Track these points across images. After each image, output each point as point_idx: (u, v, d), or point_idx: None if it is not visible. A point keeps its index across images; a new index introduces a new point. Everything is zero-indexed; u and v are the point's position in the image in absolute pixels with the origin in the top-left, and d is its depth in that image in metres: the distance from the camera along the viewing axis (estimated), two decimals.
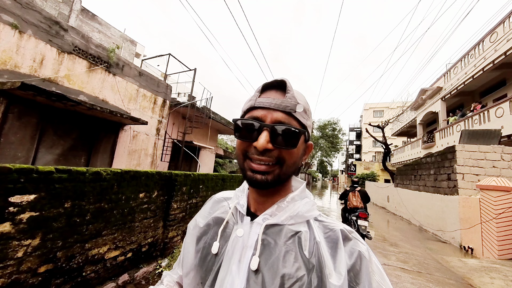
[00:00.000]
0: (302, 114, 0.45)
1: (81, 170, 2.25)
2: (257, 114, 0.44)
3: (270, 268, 0.40)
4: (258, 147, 0.41)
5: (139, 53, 17.50)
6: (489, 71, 8.48)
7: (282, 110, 0.43)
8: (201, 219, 0.56)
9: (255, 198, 0.49)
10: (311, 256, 0.40)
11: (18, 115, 3.23)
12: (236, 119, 0.46)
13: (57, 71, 3.72)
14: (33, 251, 1.87)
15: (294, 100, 0.43)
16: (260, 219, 0.46)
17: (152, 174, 3.08)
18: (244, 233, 0.46)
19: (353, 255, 0.40)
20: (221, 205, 0.56)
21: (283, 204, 0.46)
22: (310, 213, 0.46)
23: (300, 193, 0.49)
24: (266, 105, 0.43)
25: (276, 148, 0.42)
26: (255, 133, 0.42)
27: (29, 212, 1.84)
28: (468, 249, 4.88)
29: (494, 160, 5.52)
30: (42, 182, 1.93)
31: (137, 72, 5.33)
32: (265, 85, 0.46)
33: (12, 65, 3.19)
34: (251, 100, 0.46)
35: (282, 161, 0.42)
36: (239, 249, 0.44)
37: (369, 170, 20.92)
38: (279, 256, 0.41)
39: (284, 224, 0.44)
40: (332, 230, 0.44)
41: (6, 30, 3.12)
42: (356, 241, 0.42)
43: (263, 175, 0.41)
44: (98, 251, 2.42)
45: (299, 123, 0.45)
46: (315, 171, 46.05)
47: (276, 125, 0.41)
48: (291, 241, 0.43)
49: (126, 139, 5.14)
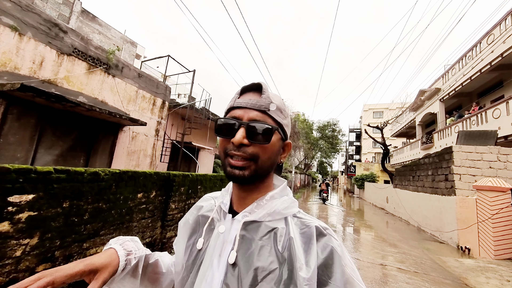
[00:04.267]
0: (277, 113, 0.48)
1: (79, 170, 2.28)
2: (235, 114, 0.47)
3: (246, 262, 0.43)
4: (235, 142, 0.44)
5: (139, 55, 17.58)
6: (486, 73, 8.53)
7: (257, 109, 0.46)
8: (190, 217, 0.59)
9: (237, 196, 0.52)
10: (283, 250, 0.43)
11: (17, 116, 3.26)
12: (217, 119, 0.49)
13: (57, 72, 3.76)
14: (31, 250, 1.89)
15: (269, 100, 0.47)
16: (240, 216, 0.48)
17: (150, 174, 3.10)
18: (225, 230, 0.48)
19: (326, 249, 0.43)
20: (208, 203, 0.59)
21: (262, 202, 0.48)
22: (288, 210, 0.49)
23: (280, 191, 0.51)
24: (243, 105, 0.47)
25: (251, 144, 0.45)
26: (233, 131, 0.45)
27: (28, 211, 1.86)
28: (465, 249, 4.90)
29: (490, 161, 5.56)
30: (41, 182, 1.96)
31: (136, 73, 5.37)
32: (243, 88, 0.50)
33: (12, 67, 3.23)
34: (231, 101, 0.50)
35: (257, 156, 0.45)
36: (220, 244, 0.47)
37: (368, 171, 20.94)
38: (254, 251, 0.44)
39: (262, 221, 0.47)
40: (308, 227, 0.46)
41: (6, 32, 3.16)
42: (329, 237, 0.44)
43: (240, 170, 0.44)
44: (96, 250, 2.44)
45: (274, 121, 0.48)
46: (315, 172, 46.02)
47: (251, 123, 0.45)
48: (267, 236, 0.45)
49: (125, 140, 5.17)
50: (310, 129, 24.38)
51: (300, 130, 19.84)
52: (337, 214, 9.89)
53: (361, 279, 0.43)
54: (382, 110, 31.66)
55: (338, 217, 8.97)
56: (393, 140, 23.66)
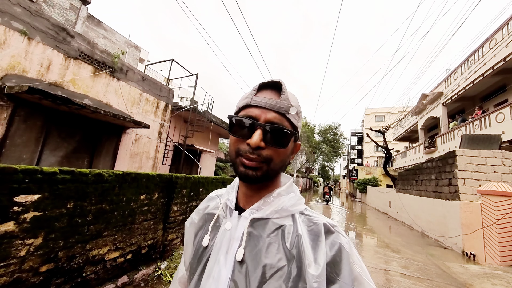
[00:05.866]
0: (294, 116, 0.47)
1: (84, 171, 2.31)
2: (252, 113, 0.45)
3: (254, 259, 0.42)
4: (252, 144, 0.42)
5: (143, 59, 17.85)
6: (489, 77, 8.51)
7: (276, 111, 0.44)
8: (196, 216, 0.59)
9: (244, 193, 0.51)
10: (292, 247, 0.42)
11: (24, 118, 3.32)
12: (232, 116, 0.47)
13: (63, 75, 3.83)
14: (35, 251, 1.91)
15: (288, 102, 0.45)
16: (247, 213, 0.48)
17: (153, 176, 3.12)
18: (232, 227, 0.48)
19: (334, 247, 0.42)
20: (214, 201, 0.59)
21: (269, 199, 0.48)
22: (296, 207, 0.48)
23: (287, 188, 0.51)
24: (261, 104, 0.45)
25: (267, 147, 0.44)
26: (249, 131, 0.44)
27: (33, 211, 1.89)
28: (470, 255, 4.82)
29: (495, 165, 5.50)
30: (46, 182, 1.98)
31: (140, 77, 5.45)
32: (261, 84, 0.47)
33: (20, 70, 3.30)
34: (247, 98, 0.48)
35: (271, 159, 0.44)
36: (227, 241, 0.47)
37: (371, 175, 20.78)
38: (262, 248, 0.43)
39: (269, 218, 0.46)
40: (315, 224, 0.46)
41: (15, 36, 3.24)
42: (338, 234, 0.44)
43: (254, 170, 0.43)
44: (98, 252, 2.45)
45: (291, 124, 0.47)
46: (317, 175, 45.73)
47: (269, 125, 0.43)
48: (275, 233, 0.45)
49: (128, 142, 5.22)
50: (312, 133, 24.38)
51: (302, 133, 19.85)
52: (339, 215, 9.81)
53: (370, 277, 0.42)
54: (384, 114, 31.61)
55: (340, 220, 8.88)
56: (396, 144, 23.54)
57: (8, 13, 3.16)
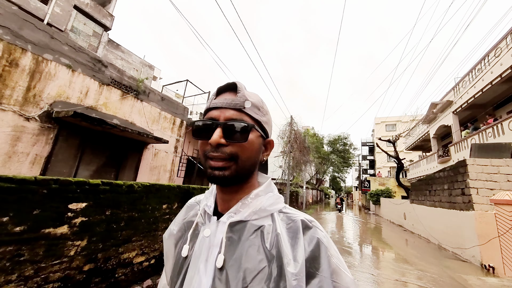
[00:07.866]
0: (254, 110, 0.47)
1: (119, 183, 2.69)
2: (212, 115, 0.46)
3: (234, 264, 0.42)
4: (212, 143, 0.43)
5: (156, 76, 19.20)
6: (498, 84, 8.48)
7: (233, 108, 0.45)
8: (175, 227, 0.56)
9: (221, 197, 0.50)
10: (271, 247, 0.42)
11: (65, 137, 3.86)
12: (194, 121, 0.48)
13: (97, 100, 4.43)
14: (81, 251, 2.25)
15: (244, 98, 0.46)
16: (225, 218, 0.47)
17: (173, 187, 3.47)
18: (211, 233, 0.46)
19: (312, 242, 0.42)
20: (193, 209, 0.57)
21: (246, 200, 0.47)
22: (274, 206, 0.48)
23: (265, 188, 0.50)
24: (219, 105, 0.46)
25: (229, 143, 0.43)
26: (210, 132, 0.44)
27: (81, 217, 2.26)
28: (489, 268, 4.66)
29: (508, 174, 5.41)
30: (91, 192, 2.37)
31: (159, 97, 6.05)
32: (219, 89, 0.49)
33: (65, 97, 3.90)
34: (207, 103, 0.50)
35: (236, 156, 0.44)
36: (206, 249, 0.45)
37: (384, 186, 20.16)
38: (242, 252, 0.42)
39: (248, 220, 0.46)
40: (293, 221, 0.45)
41: (63, 70, 3.88)
42: (315, 229, 0.44)
43: (220, 170, 0.43)
44: (128, 255, 2.75)
45: (252, 119, 0.47)
46: (328, 187, 44.64)
47: (227, 122, 0.44)
48: (254, 235, 0.44)
49: (148, 157, 5.69)
50: (321, 143, 24.30)
51: (310, 144, 19.89)
52: (352, 228, 9.62)
53: (347, 268, 0.43)
54: (395, 122, 31.07)
55: (355, 235, 8.73)
56: (409, 154, 22.91)
57: (58, 51, 3.81)
